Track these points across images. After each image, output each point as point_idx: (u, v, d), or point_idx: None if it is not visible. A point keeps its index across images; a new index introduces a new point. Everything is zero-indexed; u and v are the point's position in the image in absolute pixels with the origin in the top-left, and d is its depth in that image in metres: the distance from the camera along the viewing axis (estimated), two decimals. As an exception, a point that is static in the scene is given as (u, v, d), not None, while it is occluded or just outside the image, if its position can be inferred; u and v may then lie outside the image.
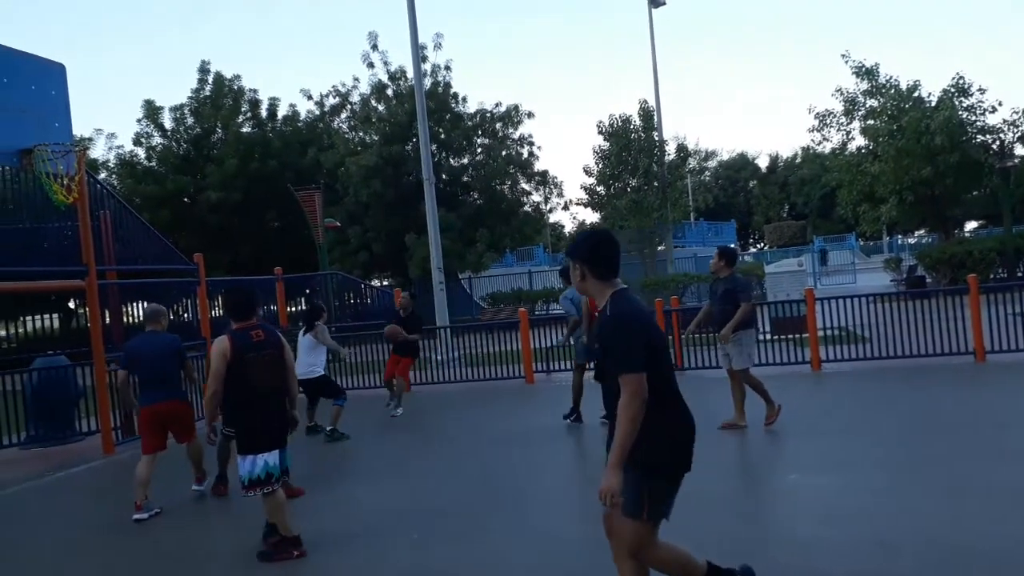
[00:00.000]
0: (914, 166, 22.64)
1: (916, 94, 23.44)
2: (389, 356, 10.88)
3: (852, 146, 25.56)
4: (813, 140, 26.80)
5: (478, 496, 6.24)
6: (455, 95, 26.05)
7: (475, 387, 12.58)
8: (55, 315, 19.79)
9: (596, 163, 28.46)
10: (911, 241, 44.31)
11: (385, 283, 27.71)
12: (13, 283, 9.52)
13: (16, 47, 8.24)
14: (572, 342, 9.43)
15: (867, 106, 24.10)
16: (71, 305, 22.34)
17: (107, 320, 10.31)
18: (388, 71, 25.88)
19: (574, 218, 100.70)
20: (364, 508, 6.16)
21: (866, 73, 23.76)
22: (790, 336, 12.13)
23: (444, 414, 10.76)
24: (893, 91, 23.53)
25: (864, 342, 11.45)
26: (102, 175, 26.89)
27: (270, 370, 5.14)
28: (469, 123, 26.10)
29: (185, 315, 12.19)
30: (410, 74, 23.38)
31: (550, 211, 29.11)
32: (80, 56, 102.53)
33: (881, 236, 45.76)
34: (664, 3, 30.15)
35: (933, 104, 23.10)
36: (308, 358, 9.03)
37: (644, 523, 3.18)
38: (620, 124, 27.66)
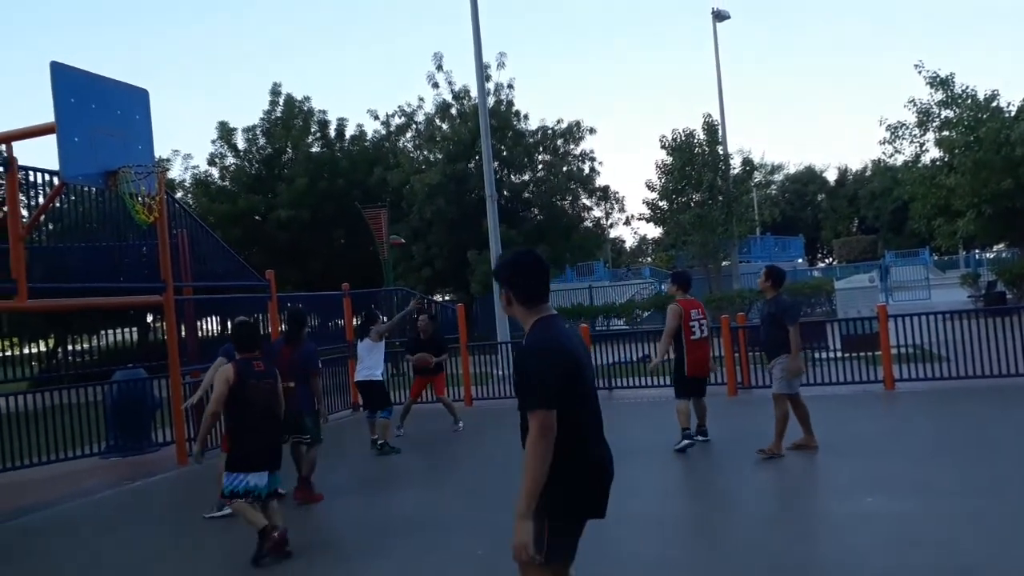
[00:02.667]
0: (993, 178, 21.79)
1: (995, 104, 22.60)
2: (414, 378, 10.85)
3: (926, 158, 24.78)
4: (884, 152, 26.01)
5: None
6: (517, 113, 26.31)
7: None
8: (133, 329, 20.58)
9: (659, 178, 28.25)
10: (989, 256, 42.51)
11: (447, 298, 27.98)
12: (97, 299, 9.96)
13: (102, 73, 8.66)
14: None
15: (942, 117, 23.34)
16: (148, 319, 23.23)
17: (183, 335, 10.69)
18: (452, 91, 26.33)
19: (635, 233, 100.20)
20: (423, 521, 6.21)
21: (941, 83, 23.03)
22: (862, 354, 11.78)
23: (503, 429, 10.76)
24: (970, 101, 22.74)
25: (940, 361, 11.04)
26: (178, 194, 27.97)
27: (268, 398, 5.64)
28: (531, 140, 26.29)
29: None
30: (474, 93, 23.70)
31: (611, 226, 29.01)
32: (159, 79, 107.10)
33: (957, 251, 44.04)
34: (728, 16, 29.85)
35: (1013, 114, 22.23)
36: (366, 361, 9.45)
37: (542, 567, 2.86)
38: (684, 138, 27.42)
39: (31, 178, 9.16)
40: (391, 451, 9.10)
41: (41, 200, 9.08)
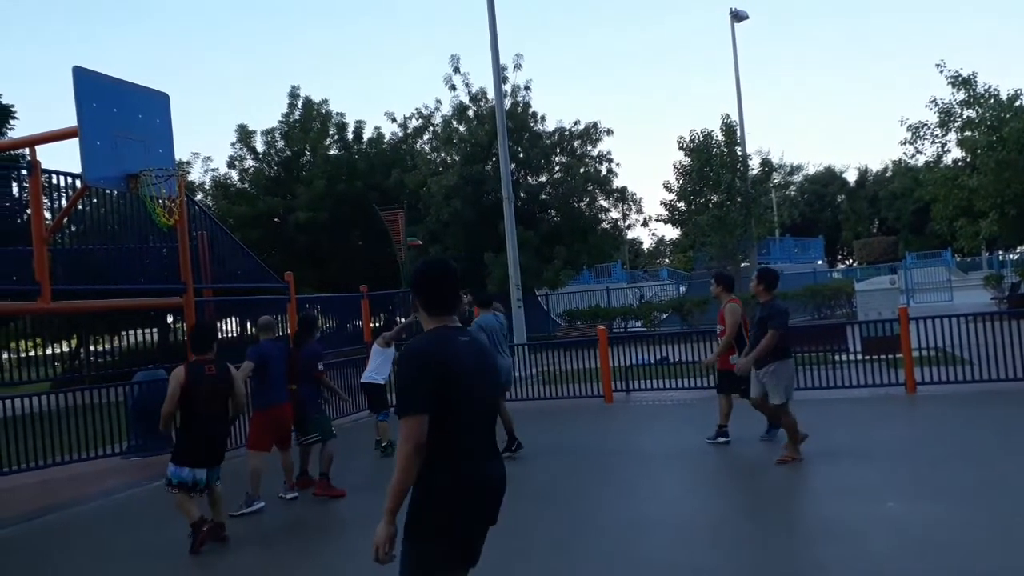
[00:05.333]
0: (1016, 179, 21.52)
1: (1018, 103, 22.31)
2: None
3: (948, 159, 24.52)
4: (905, 153, 25.79)
5: (556, 518, 6.22)
6: (534, 114, 26.28)
7: (552, 405, 12.55)
8: (153, 330, 20.79)
9: (677, 179, 28.14)
10: (1013, 257, 41.96)
11: (464, 300, 28.01)
12: (118, 300, 10.07)
13: (123, 77, 8.76)
14: None
15: (964, 117, 23.08)
16: (169, 320, 23.46)
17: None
18: (469, 92, 26.32)
19: (653, 234, 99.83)
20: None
21: (963, 83, 22.77)
22: (883, 357, 11.66)
23: (520, 429, 10.74)
24: (992, 101, 22.46)
25: (963, 364, 10.90)
26: (198, 197, 28.17)
27: (214, 400, 5.97)
28: (548, 142, 26.26)
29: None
30: (491, 95, 23.72)
31: (628, 227, 28.90)
32: (179, 82, 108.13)
33: (979, 252, 43.52)
34: (747, 17, 29.68)
35: (1037, 113, 21.95)
36: (372, 364, 9.74)
37: None
38: (702, 139, 27.30)
39: (54, 181, 9.29)
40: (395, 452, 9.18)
41: (64, 203, 9.20)
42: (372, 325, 14.56)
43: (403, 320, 12.70)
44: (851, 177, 65.81)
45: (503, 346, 8.79)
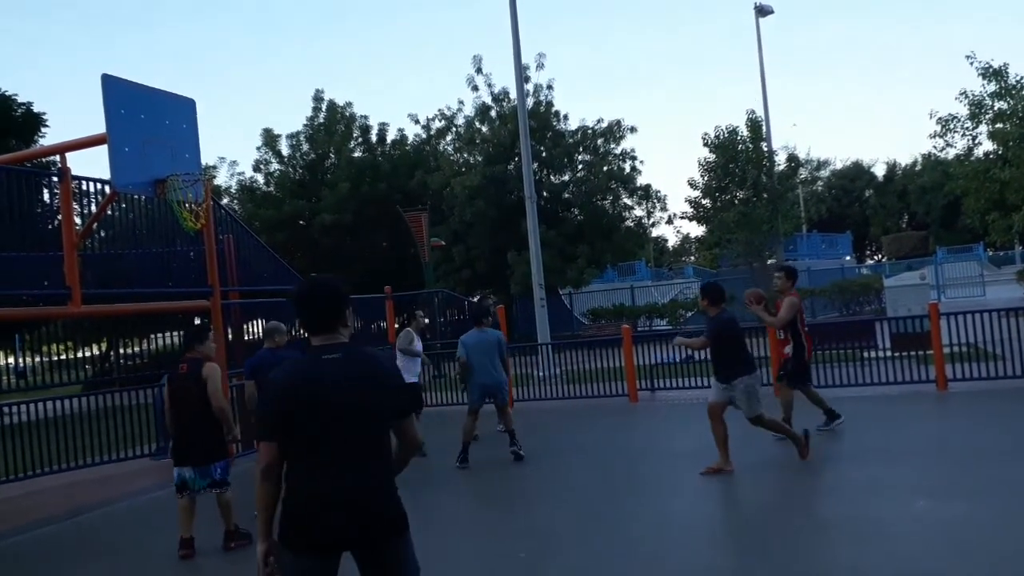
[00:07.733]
0: (1050, 171, 21.09)
1: (1051, 94, 21.85)
2: None
3: (979, 151, 24.07)
4: (935, 146, 25.27)
5: (580, 518, 6.20)
6: (556, 113, 26.25)
7: (577, 404, 12.52)
8: (181, 333, 21.06)
9: (701, 176, 27.92)
10: (1048, 251, 41.16)
11: (488, 300, 28.05)
12: (147, 304, 10.21)
13: (150, 84, 8.87)
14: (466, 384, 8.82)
15: (995, 109, 22.64)
16: (196, 323, 23.73)
17: (230, 338, 10.90)
18: (492, 93, 26.35)
19: (678, 232, 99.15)
20: (470, 526, 6.22)
21: (994, 74, 22.34)
22: (913, 353, 11.49)
23: (544, 430, 10.74)
24: (1024, 92, 22.02)
25: (995, 360, 10.70)
26: (224, 200, 28.49)
27: (182, 399, 5.97)
28: (570, 140, 26.21)
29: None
30: (513, 95, 23.72)
31: (653, 225, 28.75)
32: (205, 87, 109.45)
33: (1012, 246, 42.73)
34: (771, 11, 29.37)
35: (1070, 104, 21.48)
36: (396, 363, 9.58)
37: None
38: (727, 135, 27.06)
39: (84, 187, 9.43)
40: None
41: (94, 209, 9.34)
42: (396, 326, 14.63)
43: (426, 320, 12.73)
44: (879, 172, 64.99)
45: (493, 362, 8.50)
